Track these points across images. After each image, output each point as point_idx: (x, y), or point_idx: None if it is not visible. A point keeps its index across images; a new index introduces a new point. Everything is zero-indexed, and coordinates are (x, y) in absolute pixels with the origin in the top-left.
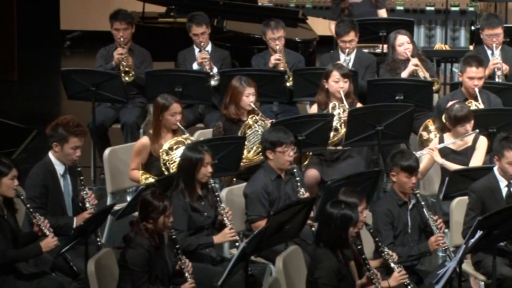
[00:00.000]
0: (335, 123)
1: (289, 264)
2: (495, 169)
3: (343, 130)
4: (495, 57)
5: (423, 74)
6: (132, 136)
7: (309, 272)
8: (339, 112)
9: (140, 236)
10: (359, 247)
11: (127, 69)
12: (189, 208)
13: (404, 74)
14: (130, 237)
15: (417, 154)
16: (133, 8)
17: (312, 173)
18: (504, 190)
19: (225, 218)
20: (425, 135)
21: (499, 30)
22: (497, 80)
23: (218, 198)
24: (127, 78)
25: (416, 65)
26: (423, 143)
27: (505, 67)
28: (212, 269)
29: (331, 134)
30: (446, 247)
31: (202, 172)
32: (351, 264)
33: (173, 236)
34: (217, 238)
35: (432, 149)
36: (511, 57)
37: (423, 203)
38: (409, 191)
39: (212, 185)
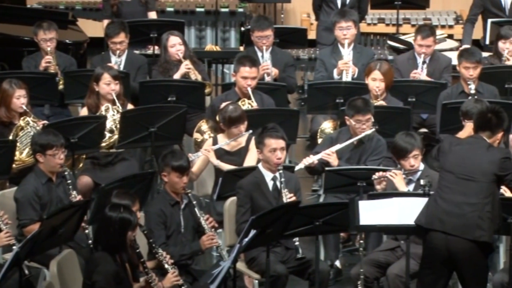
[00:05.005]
0: (110, 125)
1: (63, 268)
2: (260, 165)
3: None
4: (265, 62)
5: (195, 76)
6: None
7: (87, 276)
8: (113, 114)
9: None
10: (137, 250)
11: None
12: None
13: (177, 76)
14: None
15: (193, 156)
16: None
17: (85, 180)
18: (270, 184)
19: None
20: (199, 136)
21: (269, 32)
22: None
23: None
24: None
25: (188, 68)
26: (199, 145)
27: (274, 72)
28: None
29: (107, 136)
30: (218, 245)
31: None
32: (127, 267)
33: None
34: None
35: (207, 150)
36: (281, 59)
37: (194, 202)
38: (181, 191)
39: None
